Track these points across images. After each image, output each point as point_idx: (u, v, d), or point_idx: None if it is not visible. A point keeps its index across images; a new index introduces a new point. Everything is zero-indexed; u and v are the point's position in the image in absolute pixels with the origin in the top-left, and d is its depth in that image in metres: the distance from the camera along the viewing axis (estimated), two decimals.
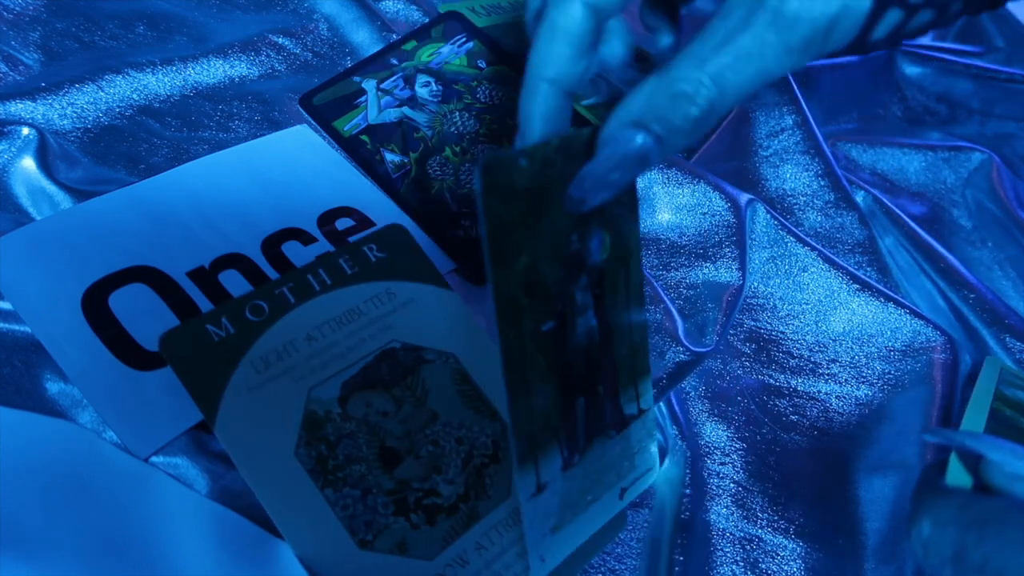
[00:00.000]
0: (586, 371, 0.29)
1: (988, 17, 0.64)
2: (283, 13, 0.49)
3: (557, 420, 0.28)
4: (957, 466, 0.24)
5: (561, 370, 0.27)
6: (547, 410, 0.27)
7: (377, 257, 0.35)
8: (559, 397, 0.27)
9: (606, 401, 0.30)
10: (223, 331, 0.31)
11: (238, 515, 0.29)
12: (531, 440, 0.27)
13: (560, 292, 0.27)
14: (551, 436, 0.28)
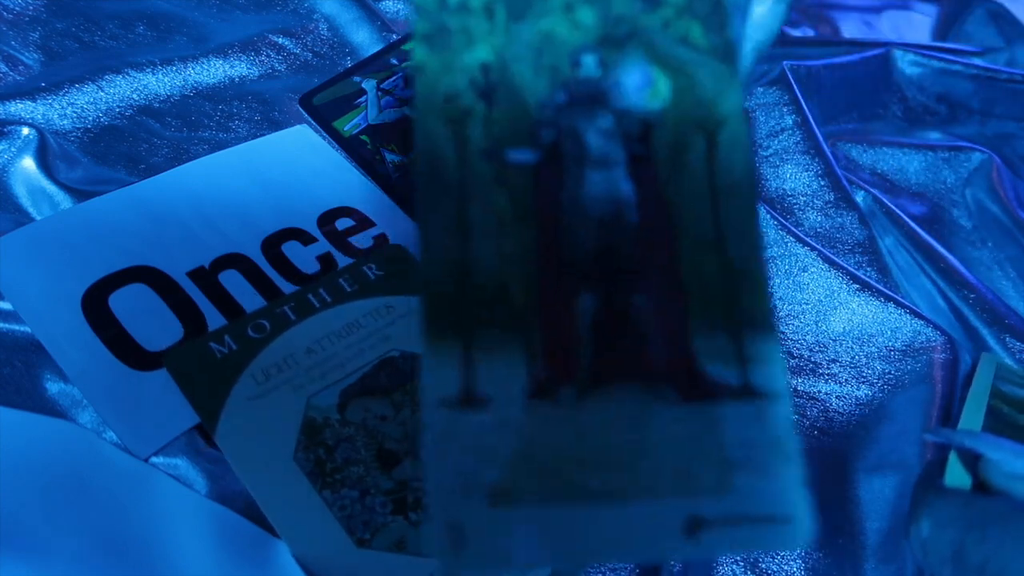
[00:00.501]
0: (600, 254, 0.20)
1: (988, 17, 0.64)
2: (283, 13, 0.49)
3: (525, 302, 0.19)
4: (956, 465, 0.24)
5: (546, 231, 0.20)
6: (501, 277, 0.19)
7: (376, 275, 0.36)
8: (535, 270, 0.19)
9: (651, 325, 0.20)
10: (225, 348, 0.32)
11: (237, 515, 0.29)
12: (454, 305, 0.19)
13: (550, 119, 0.21)
14: (506, 323, 0.19)
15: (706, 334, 0.20)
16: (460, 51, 0.21)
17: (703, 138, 0.21)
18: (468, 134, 0.20)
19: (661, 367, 0.19)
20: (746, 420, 0.19)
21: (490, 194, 0.20)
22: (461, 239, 0.19)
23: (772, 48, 0.45)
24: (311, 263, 0.37)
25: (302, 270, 0.37)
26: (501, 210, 0.20)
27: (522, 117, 0.21)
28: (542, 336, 0.19)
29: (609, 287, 0.20)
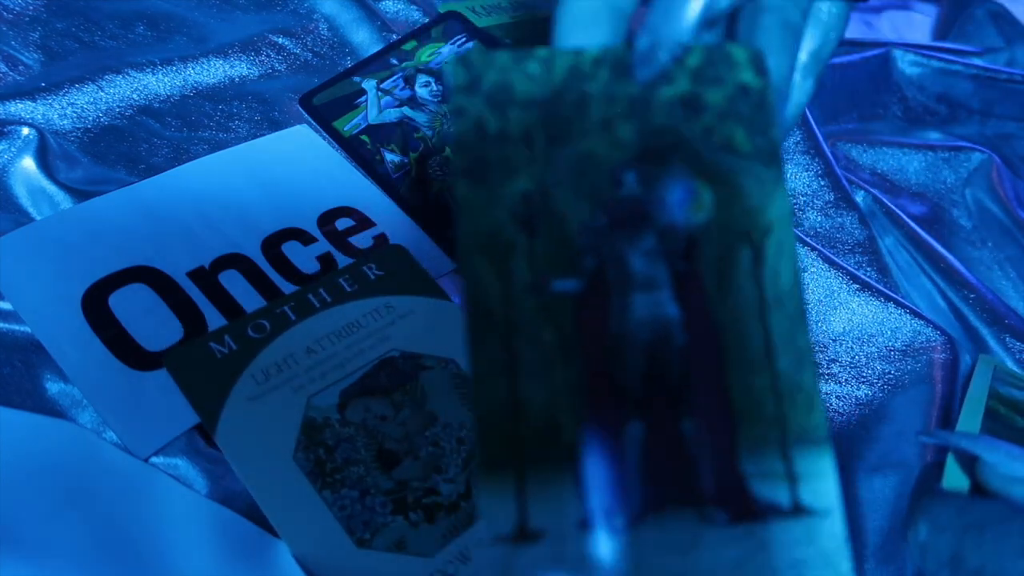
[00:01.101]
0: (648, 382, 0.20)
1: (988, 17, 0.64)
2: (283, 13, 0.49)
3: (575, 439, 0.19)
4: (954, 468, 0.24)
5: (594, 362, 0.20)
6: (552, 413, 0.19)
7: (376, 275, 0.36)
8: (584, 402, 0.20)
9: (702, 451, 0.20)
10: (226, 348, 0.32)
11: (237, 515, 0.29)
12: (508, 444, 0.19)
13: (593, 245, 0.21)
14: (559, 458, 0.19)
15: (755, 455, 0.20)
16: (501, 183, 0.20)
17: (749, 249, 0.21)
18: (512, 268, 0.20)
19: (711, 491, 0.19)
20: (796, 540, 0.19)
21: (536, 329, 0.20)
22: (510, 376, 0.19)
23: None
24: (311, 263, 0.37)
25: (302, 270, 0.37)
26: (547, 344, 0.20)
27: (564, 245, 0.20)
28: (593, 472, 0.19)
29: (658, 413, 0.20)
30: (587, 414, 0.19)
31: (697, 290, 0.21)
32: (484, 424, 0.19)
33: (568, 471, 0.19)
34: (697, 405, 0.20)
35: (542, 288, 0.20)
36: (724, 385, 0.20)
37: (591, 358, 0.20)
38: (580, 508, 0.19)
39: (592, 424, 0.19)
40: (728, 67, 0.22)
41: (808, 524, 0.19)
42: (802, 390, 0.20)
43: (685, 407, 0.20)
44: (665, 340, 0.20)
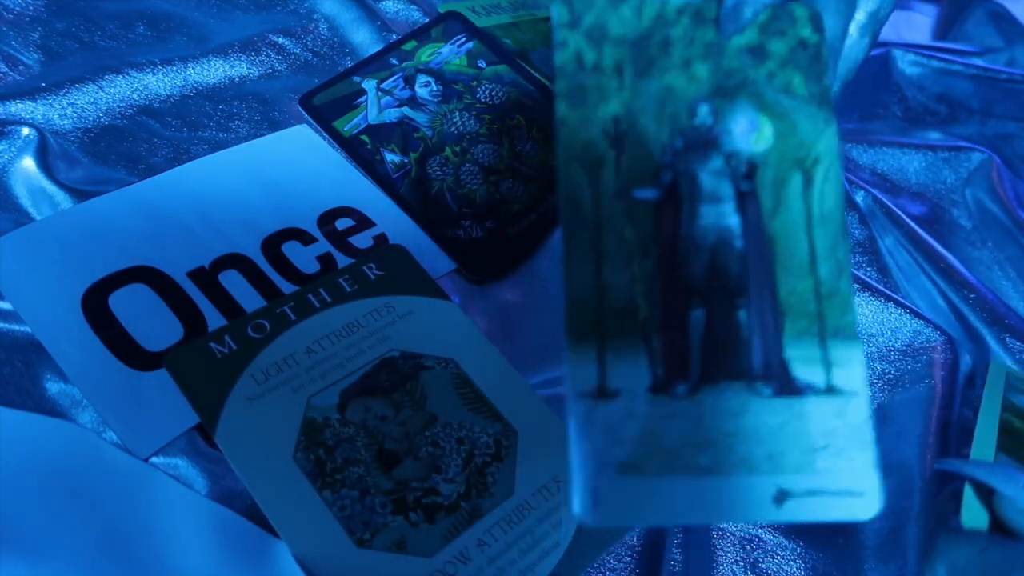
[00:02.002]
0: (710, 276, 0.24)
1: (988, 17, 0.64)
2: (283, 13, 0.49)
3: (647, 316, 0.23)
4: (972, 503, 0.23)
5: (665, 257, 0.24)
6: (630, 295, 0.23)
7: (376, 275, 0.36)
8: (656, 288, 0.24)
9: (753, 334, 0.24)
10: (226, 348, 0.32)
11: (237, 515, 0.29)
12: (592, 319, 0.23)
13: (670, 163, 0.25)
14: (633, 332, 0.23)
15: (798, 343, 0.24)
16: (595, 106, 0.25)
17: (801, 174, 0.25)
18: (602, 177, 0.24)
19: (759, 369, 0.24)
20: (828, 413, 0.23)
21: (620, 228, 0.24)
22: (597, 265, 0.24)
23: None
24: (311, 263, 0.37)
25: (302, 270, 0.37)
26: (629, 241, 0.24)
27: (646, 161, 0.25)
28: (661, 343, 0.23)
29: (717, 304, 0.24)
30: (659, 299, 0.24)
31: (755, 206, 0.25)
32: (572, 302, 0.24)
33: (641, 344, 0.23)
34: (751, 300, 0.24)
35: (626, 195, 0.24)
36: (774, 285, 0.24)
37: (664, 254, 0.24)
38: (650, 374, 0.23)
39: (663, 308, 0.24)
40: (791, 23, 0.26)
41: (839, 402, 0.23)
42: (839, 294, 0.24)
43: (741, 300, 0.24)
44: (726, 244, 0.24)
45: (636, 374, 0.23)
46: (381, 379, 0.33)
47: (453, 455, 0.32)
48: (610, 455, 0.22)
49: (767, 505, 0.23)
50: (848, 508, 0.23)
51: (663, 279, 0.24)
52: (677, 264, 0.24)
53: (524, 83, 0.47)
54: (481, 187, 0.42)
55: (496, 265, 0.40)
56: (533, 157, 0.44)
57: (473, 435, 0.32)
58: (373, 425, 0.32)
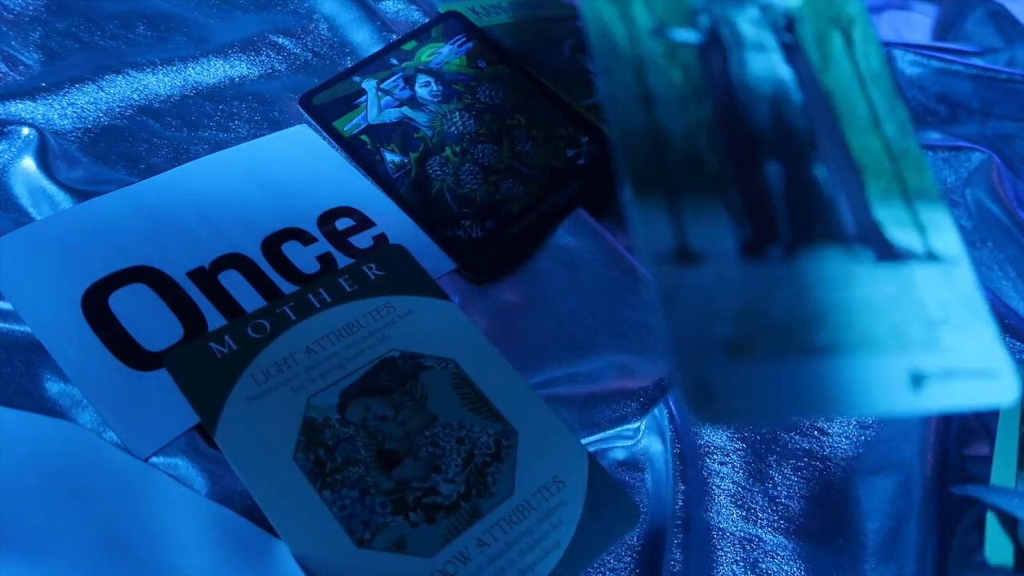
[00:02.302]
0: (778, 129, 0.22)
1: (988, 17, 0.64)
2: (283, 13, 0.49)
3: (720, 169, 0.21)
4: (997, 534, 0.22)
5: (725, 105, 0.22)
6: (694, 146, 0.21)
7: (376, 275, 0.36)
8: (723, 141, 0.21)
9: (837, 192, 0.21)
10: (226, 348, 0.32)
11: (237, 515, 0.29)
12: (656, 167, 0.20)
13: (705, 6, 0.23)
14: (706, 187, 0.20)
15: (885, 204, 0.21)
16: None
17: (839, 32, 0.24)
18: (633, 13, 0.22)
19: (853, 231, 0.21)
20: (937, 282, 0.21)
21: (664, 68, 0.22)
22: (645, 108, 0.21)
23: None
24: (311, 263, 0.37)
25: (302, 270, 0.37)
26: (678, 84, 0.22)
27: (679, 2, 0.23)
28: (741, 199, 0.21)
29: (792, 157, 0.21)
30: (727, 151, 0.21)
31: (803, 60, 0.23)
32: (626, 146, 0.20)
33: (719, 199, 0.20)
34: (825, 154, 0.22)
35: (663, 33, 0.22)
36: (844, 140, 0.22)
37: (721, 101, 0.22)
38: (737, 235, 0.20)
39: (733, 160, 0.21)
40: None
41: (943, 269, 0.21)
42: (910, 153, 0.22)
43: (815, 155, 0.22)
44: (784, 95, 0.23)
45: (720, 234, 0.20)
46: (381, 379, 0.33)
47: (453, 455, 0.32)
48: (712, 334, 0.19)
49: (903, 390, 0.19)
50: (987, 392, 0.20)
51: (726, 128, 0.21)
52: (737, 112, 0.22)
53: (524, 83, 0.47)
54: (481, 187, 0.42)
55: (496, 265, 0.40)
56: (533, 157, 0.44)
57: (473, 435, 0.32)
58: (373, 425, 0.32)
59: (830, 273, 0.20)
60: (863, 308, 0.20)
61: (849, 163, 0.22)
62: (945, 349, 0.20)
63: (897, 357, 0.20)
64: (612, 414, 0.36)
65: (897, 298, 0.20)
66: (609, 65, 0.22)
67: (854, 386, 0.19)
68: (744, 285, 0.20)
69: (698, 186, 0.21)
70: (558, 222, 0.42)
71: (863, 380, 0.19)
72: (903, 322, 0.20)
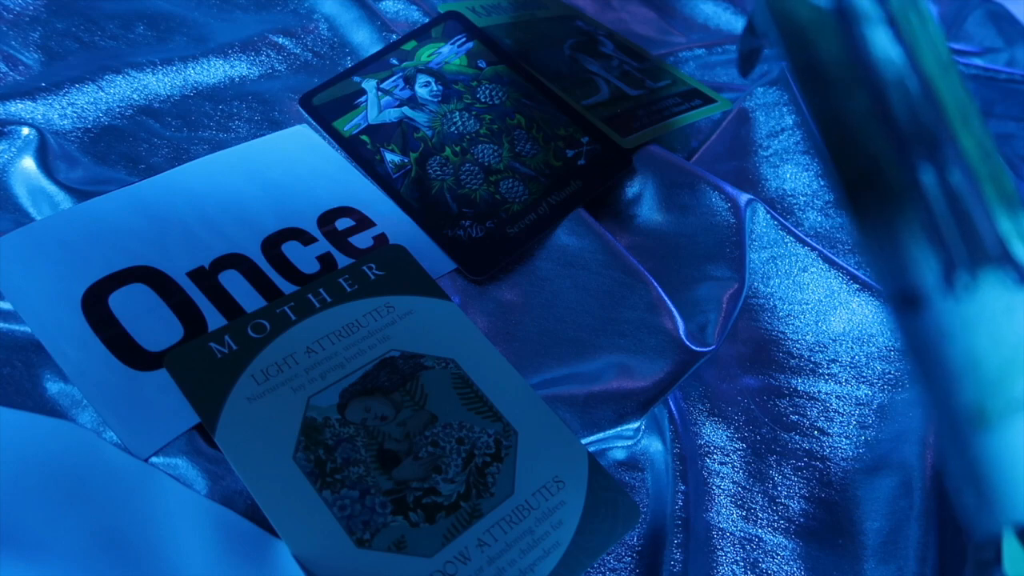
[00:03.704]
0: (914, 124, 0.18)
1: (988, 17, 0.64)
2: (283, 13, 0.49)
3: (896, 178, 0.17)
4: (1015, 550, 0.22)
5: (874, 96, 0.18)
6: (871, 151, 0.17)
7: (376, 275, 0.36)
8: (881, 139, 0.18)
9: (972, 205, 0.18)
10: (226, 348, 0.32)
11: (237, 515, 0.29)
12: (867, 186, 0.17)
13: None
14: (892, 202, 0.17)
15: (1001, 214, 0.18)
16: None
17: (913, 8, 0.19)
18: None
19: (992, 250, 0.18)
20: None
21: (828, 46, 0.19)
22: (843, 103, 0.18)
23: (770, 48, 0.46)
24: (311, 263, 0.37)
25: (302, 270, 0.37)
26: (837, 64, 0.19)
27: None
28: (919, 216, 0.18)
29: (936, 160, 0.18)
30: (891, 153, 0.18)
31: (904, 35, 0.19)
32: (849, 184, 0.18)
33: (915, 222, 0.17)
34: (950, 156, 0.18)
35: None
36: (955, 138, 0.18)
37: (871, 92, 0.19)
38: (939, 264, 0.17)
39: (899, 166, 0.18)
40: None
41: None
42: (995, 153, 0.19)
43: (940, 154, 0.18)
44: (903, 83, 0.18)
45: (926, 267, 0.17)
46: (381, 379, 0.33)
47: (453, 455, 0.32)
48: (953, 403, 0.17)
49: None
50: None
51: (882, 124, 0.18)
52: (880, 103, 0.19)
53: (524, 83, 0.47)
54: (481, 187, 0.42)
55: (496, 265, 0.40)
56: (533, 157, 0.44)
57: (473, 435, 0.32)
58: (373, 425, 0.32)
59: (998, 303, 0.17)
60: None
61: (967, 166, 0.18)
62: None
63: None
64: (612, 414, 0.36)
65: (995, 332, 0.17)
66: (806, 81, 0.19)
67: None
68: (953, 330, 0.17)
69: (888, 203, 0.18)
70: (558, 222, 0.42)
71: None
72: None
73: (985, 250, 0.17)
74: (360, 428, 0.31)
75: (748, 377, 0.40)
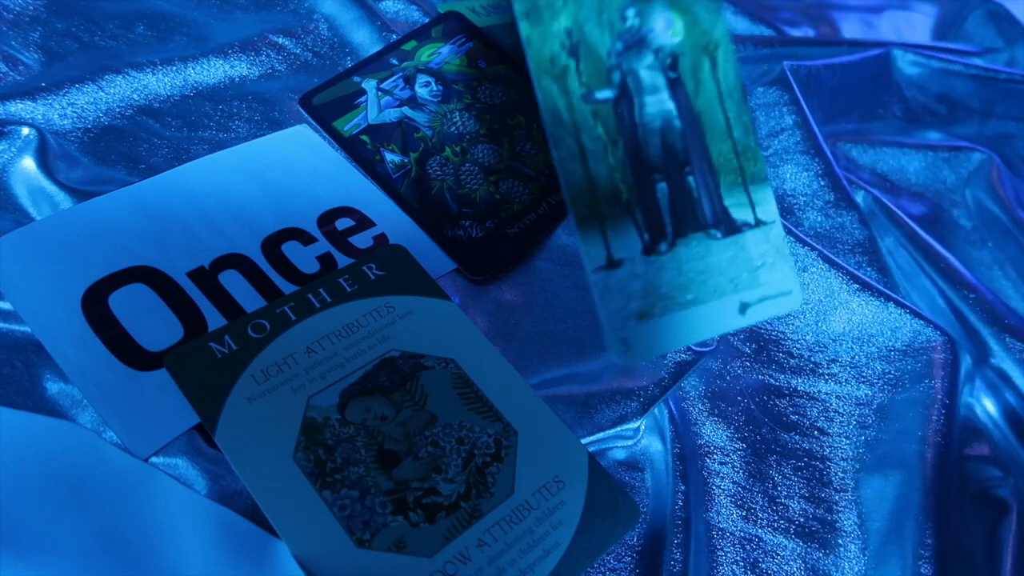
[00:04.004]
0: (664, 154, 0.30)
1: (988, 17, 0.64)
2: (283, 13, 0.49)
3: (629, 196, 0.30)
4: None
5: (630, 145, 0.30)
6: (613, 182, 0.29)
7: (376, 275, 0.36)
8: (629, 173, 0.30)
9: (701, 194, 0.31)
10: (226, 348, 0.32)
11: (237, 515, 0.29)
12: (591, 206, 0.29)
13: (616, 64, 0.30)
14: (622, 211, 0.30)
15: (730, 193, 0.31)
16: (550, 22, 0.29)
17: (708, 59, 0.31)
18: (568, 85, 0.29)
19: (710, 219, 0.31)
20: (759, 240, 0.32)
21: (592, 127, 0.29)
22: (583, 161, 0.29)
23: (772, 48, 0.47)
24: (311, 263, 0.37)
25: (302, 270, 0.37)
26: (602, 137, 0.29)
27: (599, 64, 0.30)
28: (643, 215, 0.30)
29: (673, 174, 0.30)
30: (633, 181, 0.30)
31: (683, 91, 0.31)
32: (573, 195, 0.29)
33: (629, 219, 0.30)
34: (695, 167, 0.31)
35: (591, 97, 0.30)
36: (707, 151, 0.31)
37: (629, 143, 0.30)
38: (640, 241, 0.30)
39: (637, 187, 0.30)
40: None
41: (764, 230, 0.32)
42: (751, 149, 0.32)
43: (688, 168, 0.31)
44: (670, 125, 0.31)
45: (631, 243, 0.30)
46: (381, 379, 0.33)
47: (453, 455, 0.32)
48: (628, 309, 0.30)
49: (734, 316, 0.31)
50: (784, 304, 0.32)
51: (632, 164, 0.30)
52: (639, 149, 0.30)
53: (524, 83, 0.47)
54: (481, 187, 0.42)
55: (496, 265, 0.40)
56: (533, 157, 0.44)
57: (473, 435, 0.32)
58: (373, 425, 0.32)
59: (694, 252, 0.30)
60: (714, 271, 0.31)
61: (710, 168, 0.31)
62: (761, 284, 0.31)
63: (732, 297, 0.31)
64: (612, 414, 0.36)
65: (734, 258, 0.31)
66: (556, 134, 0.29)
67: (707, 322, 0.31)
68: (646, 274, 0.30)
69: (617, 213, 0.30)
70: (558, 222, 0.42)
71: (712, 318, 0.31)
72: (736, 273, 0.31)
73: (697, 222, 0.31)
74: (360, 428, 0.31)
75: (748, 377, 0.40)
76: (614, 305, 0.29)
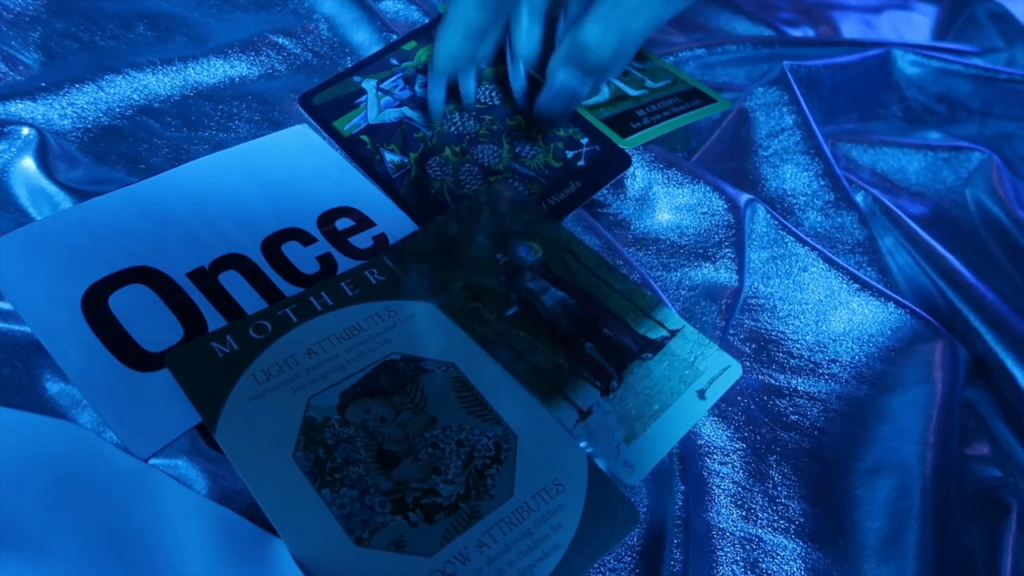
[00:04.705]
0: (575, 325, 0.37)
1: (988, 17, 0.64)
2: (283, 13, 0.49)
3: (569, 364, 0.35)
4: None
5: (549, 332, 0.36)
6: (553, 362, 0.35)
7: (378, 280, 0.36)
8: (560, 351, 0.36)
9: (621, 336, 0.37)
10: (227, 348, 0.32)
11: (237, 515, 0.29)
12: (549, 385, 0.35)
13: (508, 290, 0.37)
14: (571, 377, 0.35)
15: (640, 325, 0.38)
16: (450, 286, 0.38)
17: (568, 254, 0.40)
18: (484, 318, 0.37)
19: (637, 349, 0.37)
20: (681, 344, 0.38)
21: (514, 339, 0.36)
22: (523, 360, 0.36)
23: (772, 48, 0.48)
24: (311, 263, 0.37)
25: (302, 270, 0.37)
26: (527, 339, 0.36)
27: (497, 296, 0.37)
28: (588, 372, 0.36)
29: (591, 335, 0.37)
30: (566, 354, 0.36)
31: (562, 280, 0.39)
32: (530, 384, 0.35)
33: (580, 379, 0.35)
34: (603, 322, 0.38)
35: (503, 318, 0.37)
36: (607, 308, 0.38)
37: (547, 332, 0.37)
38: (596, 390, 0.35)
39: (573, 357, 0.36)
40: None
41: (681, 335, 0.38)
42: (634, 290, 0.39)
43: (600, 325, 0.37)
44: (568, 305, 0.38)
45: (590, 394, 0.35)
46: (381, 381, 0.33)
47: (453, 457, 0.32)
48: (616, 439, 0.34)
49: (699, 403, 0.36)
50: (730, 375, 0.38)
51: (560, 342, 0.36)
52: (558, 330, 0.37)
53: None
54: (481, 187, 0.42)
55: None
56: (533, 158, 0.44)
57: (473, 438, 0.32)
58: (373, 426, 0.32)
59: (641, 377, 0.36)
60: (663, 381, 0.36)
61: (615, 317, 0.38)
62: (703, 371, 0.37)
63: (688, 392, 0.36)
64: None
65: (671, 365, 0.37)
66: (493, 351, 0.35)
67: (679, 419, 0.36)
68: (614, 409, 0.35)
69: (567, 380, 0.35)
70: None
71: (681, 414, 0.36)
72: (680, 373, 0.37)
73: (630, 356, 0.37)
74: (360, 429, 0.31)
75: (748, 377, 0.40)
76: (603, 441, 0.34)
